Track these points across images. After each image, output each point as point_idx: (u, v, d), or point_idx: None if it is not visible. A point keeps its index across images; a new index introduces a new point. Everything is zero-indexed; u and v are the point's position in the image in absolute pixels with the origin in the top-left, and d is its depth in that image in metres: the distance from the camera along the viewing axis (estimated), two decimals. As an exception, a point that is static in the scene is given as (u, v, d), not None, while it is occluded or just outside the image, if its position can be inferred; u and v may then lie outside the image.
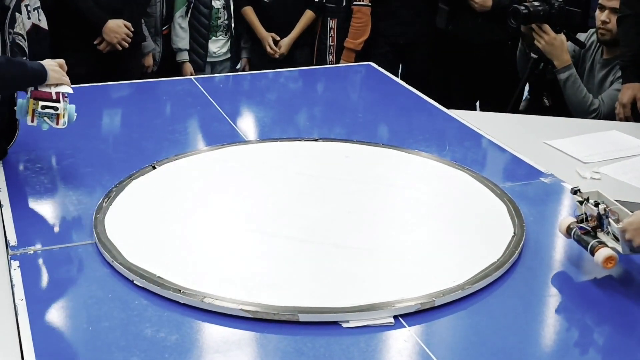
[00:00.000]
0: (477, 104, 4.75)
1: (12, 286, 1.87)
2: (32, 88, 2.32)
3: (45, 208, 2.28)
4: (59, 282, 1.91)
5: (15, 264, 1.95)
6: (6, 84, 2.31)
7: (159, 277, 1.87)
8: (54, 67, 2.36)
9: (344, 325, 1.75)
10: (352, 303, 1.78)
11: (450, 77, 4.62)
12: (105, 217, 2.16)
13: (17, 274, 1.91)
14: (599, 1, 3.51)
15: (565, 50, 3.46)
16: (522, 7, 3.42)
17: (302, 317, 1.75)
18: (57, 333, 1.72)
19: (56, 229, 2.15)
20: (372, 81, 3.70)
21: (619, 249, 1.92)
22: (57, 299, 1.83)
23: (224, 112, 3.06)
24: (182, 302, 1.80)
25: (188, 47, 4.33)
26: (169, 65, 4.35)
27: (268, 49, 4.49)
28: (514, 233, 2.12)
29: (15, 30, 2.47)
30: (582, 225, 2.00)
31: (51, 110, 2.30)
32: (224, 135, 2.84)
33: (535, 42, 3.48)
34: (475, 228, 2.17)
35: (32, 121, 2.33)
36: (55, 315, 1.78)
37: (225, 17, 4.38)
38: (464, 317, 1.82)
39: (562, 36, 3.46)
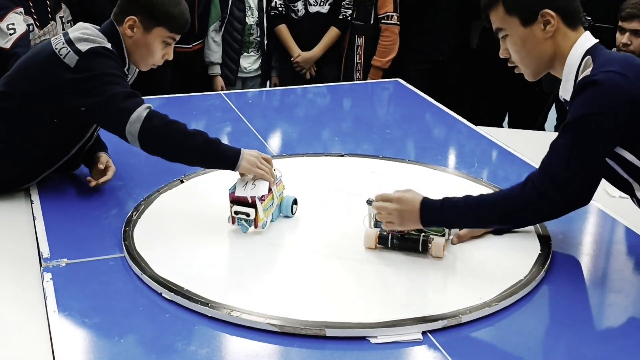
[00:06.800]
0: (506, 121, 4.75)
1: (45, 298, 1.90)
2: (231, 190, 2.21)
3: (77, 221, 2.31)
4: (90, 294, 1.93)
5: (47, 275, 1.98)
6: (194, 161, 2.32)
7: (187, 290, 1.89)
8: (249, 157, 2.23)
9: (372, 340, 1.75)
10: (380, 318, 1.79)
11: (479, 94, 4.61)
12: (134, 230, 2.19)
13: (49, 286, 1.94)
14: (619, 24, 3.54)
15: None
16: None
17: (329, 332, 1.76)
18: (89, 345, 1.74)
19: (87, 242, 2.17)
20: (400, 97, 3.71)
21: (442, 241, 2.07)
22: (88, 312, 1.85)
23: (252, 127, 3.09)
24: (209, 315, 1.82)
25: (220, 61, 4.37)
26: (201, 78, 4.41)
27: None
28: (541, 251, 2.12)
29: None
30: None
31: (244, 216, 2.18)
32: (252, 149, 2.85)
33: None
34: (502, 245, 2.17)
35: (233, 223, 2.20)
36: (87, 327, 1.80)
37: (258, 34, 4.41)
38: (491, 334, 1.82)
39: None
